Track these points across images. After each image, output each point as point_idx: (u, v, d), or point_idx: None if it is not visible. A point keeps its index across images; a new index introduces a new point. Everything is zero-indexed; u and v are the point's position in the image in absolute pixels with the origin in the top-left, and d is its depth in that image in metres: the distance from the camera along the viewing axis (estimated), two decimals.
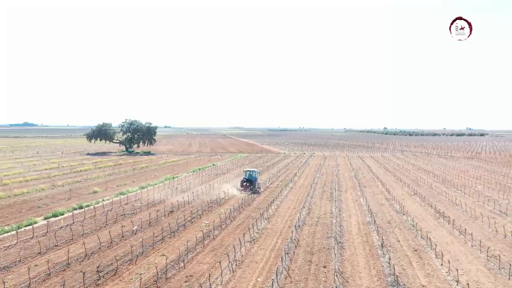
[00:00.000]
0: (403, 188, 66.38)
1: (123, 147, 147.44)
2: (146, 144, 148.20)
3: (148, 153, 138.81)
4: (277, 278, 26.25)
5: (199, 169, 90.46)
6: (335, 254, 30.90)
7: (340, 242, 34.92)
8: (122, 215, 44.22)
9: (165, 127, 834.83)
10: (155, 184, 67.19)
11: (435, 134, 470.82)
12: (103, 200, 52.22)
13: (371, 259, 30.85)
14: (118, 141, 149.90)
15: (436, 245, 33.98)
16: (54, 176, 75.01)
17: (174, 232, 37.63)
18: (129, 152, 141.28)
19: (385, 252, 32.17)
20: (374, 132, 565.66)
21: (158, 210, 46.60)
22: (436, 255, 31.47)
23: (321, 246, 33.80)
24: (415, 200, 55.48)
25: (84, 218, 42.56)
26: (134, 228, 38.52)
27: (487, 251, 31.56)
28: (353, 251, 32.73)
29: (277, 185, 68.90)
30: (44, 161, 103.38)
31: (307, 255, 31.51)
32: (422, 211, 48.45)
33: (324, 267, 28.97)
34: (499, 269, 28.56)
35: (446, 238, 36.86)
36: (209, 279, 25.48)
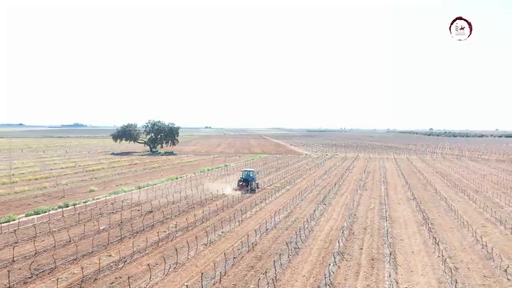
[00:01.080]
0: (405, 192, 63.05)
1: (148, 147, 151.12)
2: (169, 144, 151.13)
3: (169, 153, 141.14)
4: (202, 283, 25.51)
5: (208, 170, 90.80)
6: (280, 261, 29.68)
7: (297, 248, 33.54)
8: (99, 214, 45.01)
9: (206, 127, 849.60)
10: (155, 184, 68.04)
11: (482, 136, 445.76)
12: (92, 199, 53.52)
13: (318, 267, 29.30)
14: (142, 142, 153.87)
15: (398, 254, 31.99)
16: (65, 174, 78.07)
17: (137, 232, 37.74)
18: (153, 152, 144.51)
19: (337, 261, 30.49)
20: (417, 133, 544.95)
21: (138, 210, 47.07)
22: (390, 265, 29.41)
23: (275, 251, 32.56)
24: (409, 205, 52.42)
25: (62, 216, 43.73)
26: (101, 228, 39.04)
27: (446, 263, 29.13)
28: (305, 258, 31.27)
29: (276, 186, 67.70)
30: (65, 160, 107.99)
31: (253, 260, 30.47)
32: (409, 217, 45.65)
33: (264, 273, 27.82)
34: (451, 282, 26.17)
35: (416, 247, 34.41)
36: (128, 282, 25.11)
